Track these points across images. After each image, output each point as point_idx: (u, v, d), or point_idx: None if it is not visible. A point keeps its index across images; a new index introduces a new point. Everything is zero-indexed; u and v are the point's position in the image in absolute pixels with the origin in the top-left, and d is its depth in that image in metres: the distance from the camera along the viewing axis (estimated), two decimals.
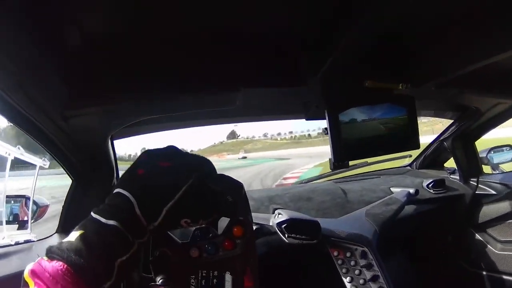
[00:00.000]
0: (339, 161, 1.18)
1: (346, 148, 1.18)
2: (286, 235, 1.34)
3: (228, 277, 0.83)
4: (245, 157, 43.88)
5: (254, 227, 1.45)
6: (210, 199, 0.69)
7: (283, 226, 1.34)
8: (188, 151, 0.82)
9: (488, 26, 0.94)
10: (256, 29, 0.99)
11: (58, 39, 0.87)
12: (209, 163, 0.71)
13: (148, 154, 0.69)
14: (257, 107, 1.50)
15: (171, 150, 0.71)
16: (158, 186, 0.62)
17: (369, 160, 1.77)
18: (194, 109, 1.33)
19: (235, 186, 0.81)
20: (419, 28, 1.02)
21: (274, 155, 42.56)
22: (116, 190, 0.61)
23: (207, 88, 1.10)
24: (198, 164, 0.70)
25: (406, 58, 1.18)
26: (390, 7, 0.76)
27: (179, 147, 0.72)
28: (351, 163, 1.27)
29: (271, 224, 1.41)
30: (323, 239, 1.38)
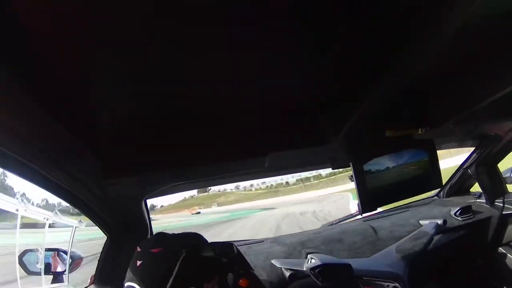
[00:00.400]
0: (365, 207, 1.21)
1: (371, 196, 1.21)
2: (320, 279, 1.35)
3: None
4: (198, 213, 39.90)
5: (288, 273, 1.48)
6: (207, 265, 0.83)
7: (316, 270, 1.37)
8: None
9: (502, 58, 0.95)
10: (279, 97, 1.03)
11: (89, 120, 0.93)
12: (198, 236, 0.88)
13: (141, 245, 0.86)
14: (284, 165, 1.53)
15: (161, 236, 0.88)
16: (154, 272, 0.76)
17: None
18: (224, 174, 1.37)
19: (226, 248, 0.94)
20: (435, 73, 1.04)
21: (254, 206, 39.38)
22: (126, 284, 0.76)
23: (236, 155, 1.14)
24: (186, 239, 0.85)
25: (423, 103, 1.21)
26: (408, 66, 0.80)
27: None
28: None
29: (304, 269, 1.45)
30: (356, 279, 1.41)
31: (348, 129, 1.12)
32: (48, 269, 1.67)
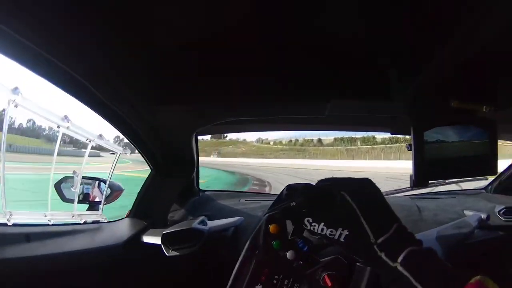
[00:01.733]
0: (419, 179, 1.16)
1: (427, 167, 1.16)
2: None
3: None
4: None
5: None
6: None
7: None
8: None
9: None
10: (349, 44, 1.00)
11: (148, 40, 0.92)
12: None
13: None
14: (344, 117, 1.50)
15: None
16: None
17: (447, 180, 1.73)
18: (282, 115, 1.35)
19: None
20: (509, 50, 0.98)
21: (258, 165, 31.38)
22: None
23: (298, 97, 1.12)
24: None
25: (493, 80, 1.15)
26: (483, 27, 0.75)
27: None
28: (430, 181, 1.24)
29: None
30: None
31: (415, 89, 1.08)
32: (85, 198, 1.72)
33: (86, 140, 1.51)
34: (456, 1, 0.74)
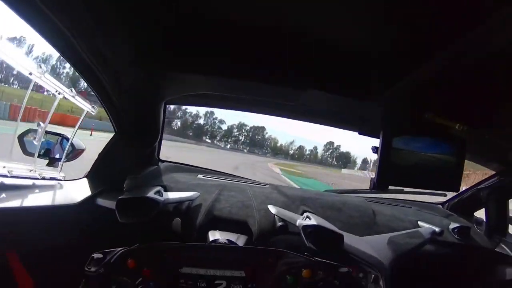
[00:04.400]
0: (380, 182, 1.18)
1: (390, 172, 1.18)
2: (309, 239, 1.33)
3: (185, 269, 1.07)
4: None
5: (279, 224, 1.46)
6: None
7: (308, 230, 1.35)
8: None
9: None
10: (336, 38, 1.00)
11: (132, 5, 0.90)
12: None
13: None
14: (315, 110, 1.50)
15: None
16: None
17: (406, 188, 1.75)
18: (255, 96, 1.34)
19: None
20: (491, 75, 1.00)
21: None
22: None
23: (275, 80, 1.11)
24: None
25: (472, 101, 1.17)
26: (470, 50, 0.77)
27: None
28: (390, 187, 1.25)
29: (297, 224, 1.43)
30: (341, 253, 1.38)
31: (391, 94, 1.08)
32: (46, 153, 1.65)
33: (56, 92, 1.45)
34: (451, 18, 0.74)
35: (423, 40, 0.86)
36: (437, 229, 1.69)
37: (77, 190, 1.50)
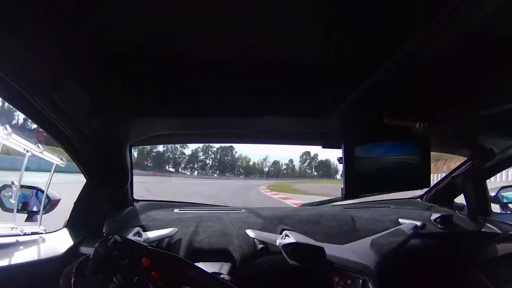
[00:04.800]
0: (349, 191, 1.19)
1: (358, 181, 1.20)
2: (291, 257, 1.35)
3: None
4: None
5: (260, 246, 1.47)
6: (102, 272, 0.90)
7: (289, 248, 1.36)
8: None
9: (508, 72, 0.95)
10: (281, 59, 1.01)
11: (85, 52, 0.91)
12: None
13: None
14: (276, 133, 1.52)
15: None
16: None
17: None
18: (214, 130, 1.36)
19: (108, 242, 0.96)
20: (441, 71, 1.03)
21: None
22: None
23: (228, 112, 1.13)
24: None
25: (426, 98, 1.20)
26: (415, 53, 0.79)
27: None
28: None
29: (277, 244, 1.44)
30: (326, 264, 1.40)
31: (346, 106, 1.10)
32: (24, 207, 1.65)
33: (24, 150, 1.45)
34: (392, 23, 0.76)
35: (368, 49, 0.88)
36: (418, 223, 1.71)
37: (59, 242, 1.48)
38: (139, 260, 0.95)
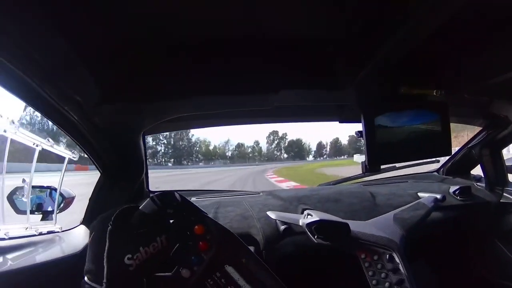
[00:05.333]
0: (372, 164, 1.18)
1: (379, 152, 1.18)
2: (316, 236, 1.34)
3: (230, 269, 0.87)
4: None
5: (283, 227, 1.45)
6: (148, 226, 0.85)
7: (313, 227, 1.34)
8: None
9: None
10: (294, 33, 1.00)
11: (92, 38, 0.89)
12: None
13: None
14: (292, 109, 1.50)
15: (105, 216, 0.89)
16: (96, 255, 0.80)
17: (398, 164, 1.75)
18: (230, 109, 1.34)
19: (167, 197, 0.93)
20: (454, 37, 1.01)
21: None
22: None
23: (245, 90, 1.11)
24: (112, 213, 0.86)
25: (441, 65, 1.18)
26: (428, 19, 0.77)
27: None
28: (383, 166, 1.25)
29: (300, 224, 1.42)
30: (351, 241, 1.38)
31: (362, 76, 1.08)
32: (38, 208, 1.63)
33: (33, 145, 1.43)
34: None
35: (380, 19, 0.87)
36: (438, 196, 1.70)
37: (76, 239, 1.47)
38: (192, 226, 0.91)
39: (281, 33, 0.98)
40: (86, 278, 0.79)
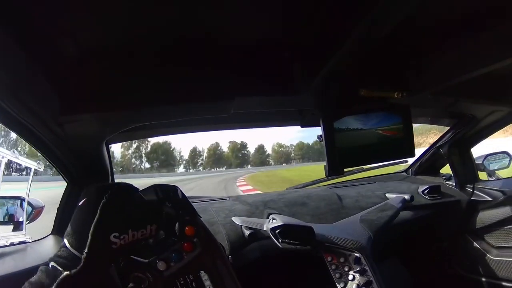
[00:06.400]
0: (333, 168, 1.18)
1: (340, 156, 1.18)
2: (280, 240, 1.34)
3: (204, 275, 0.88)
4: None
5: (248, 232, 1.46)
6: (143, 210, 0.84)
7: (277, 231, 1.34)
8: None
9: (484, 36, 0.94)
10: (250, 39, 1.00)
11: (51, 49, 0.88)
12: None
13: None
14: (252, 114, 1.50)
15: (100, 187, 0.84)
16: (80, 224, 0.78)
17: (365, 166, 1.77)
18: (188, 117, 1.33)
19: (169, 191, 0.92)
20: (415, 37, 1.02)
21: None
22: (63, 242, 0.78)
23: (201, 97, 1.11)
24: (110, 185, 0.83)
25: (402, 67, 1.18)
26: (386, 17, 0.76)
27: None
28: (346, 169, 1.25)
29: (265, 229, 1.42)
30: (317, 244, 1.38)
31: (320, 81, 1.08)
32: (10, 219, 1.62)
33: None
34: None
35: (335, 21, 0.86)
36: (406, 196, 1.72)
37: (47, 249, 1.46)
38: (184, 225, 0.91)
39: (231, 38, 0.97)
40: (65, 241, 0.77)
